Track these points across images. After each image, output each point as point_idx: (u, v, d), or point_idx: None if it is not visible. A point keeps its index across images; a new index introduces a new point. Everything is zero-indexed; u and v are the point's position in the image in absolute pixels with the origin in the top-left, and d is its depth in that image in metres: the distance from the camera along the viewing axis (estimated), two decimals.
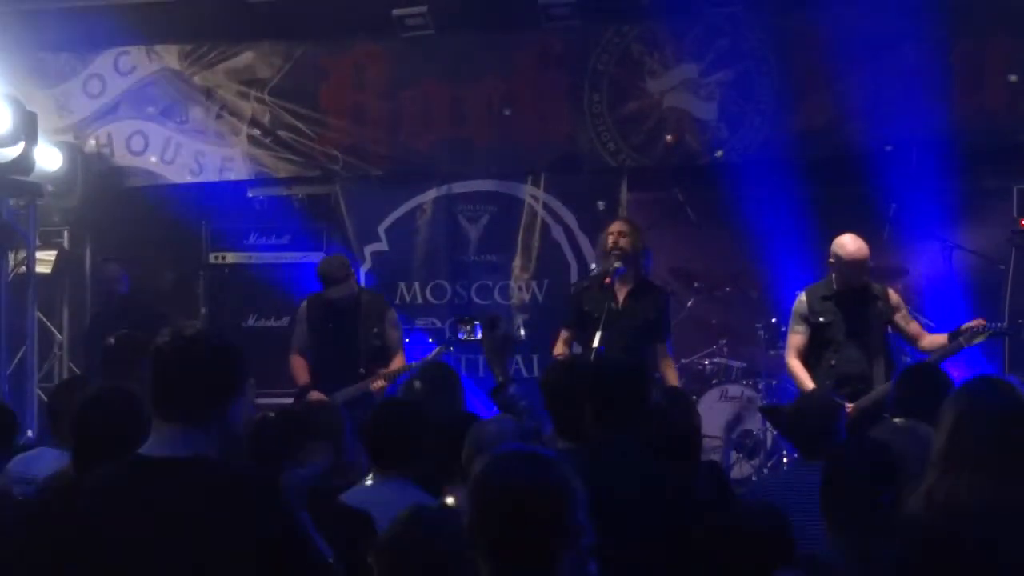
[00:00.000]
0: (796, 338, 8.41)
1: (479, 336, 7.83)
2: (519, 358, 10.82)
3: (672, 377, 8.66)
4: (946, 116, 9.94)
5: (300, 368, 9.22)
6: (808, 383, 8.17)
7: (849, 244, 8.20)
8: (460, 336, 7.92)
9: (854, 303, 8.26)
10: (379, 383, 8.91)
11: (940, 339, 8.22)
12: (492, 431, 4.09)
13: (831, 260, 8.27)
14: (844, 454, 4.32)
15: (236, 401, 3.41)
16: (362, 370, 8.99)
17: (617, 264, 8.66)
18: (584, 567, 3.81)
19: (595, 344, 8.07)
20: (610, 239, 8.77)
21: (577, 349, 8.71)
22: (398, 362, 9.11)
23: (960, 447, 3.42)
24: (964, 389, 3.70)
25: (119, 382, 4.84)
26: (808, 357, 8.30)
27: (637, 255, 8.75)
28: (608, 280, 8.66)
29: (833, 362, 8.24)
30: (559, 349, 8.82)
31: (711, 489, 5.24)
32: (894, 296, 8.43)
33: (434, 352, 9.25)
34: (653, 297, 8.79)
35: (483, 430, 4.12)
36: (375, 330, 9.10)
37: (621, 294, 8.67)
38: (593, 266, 10.00)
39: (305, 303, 9.43)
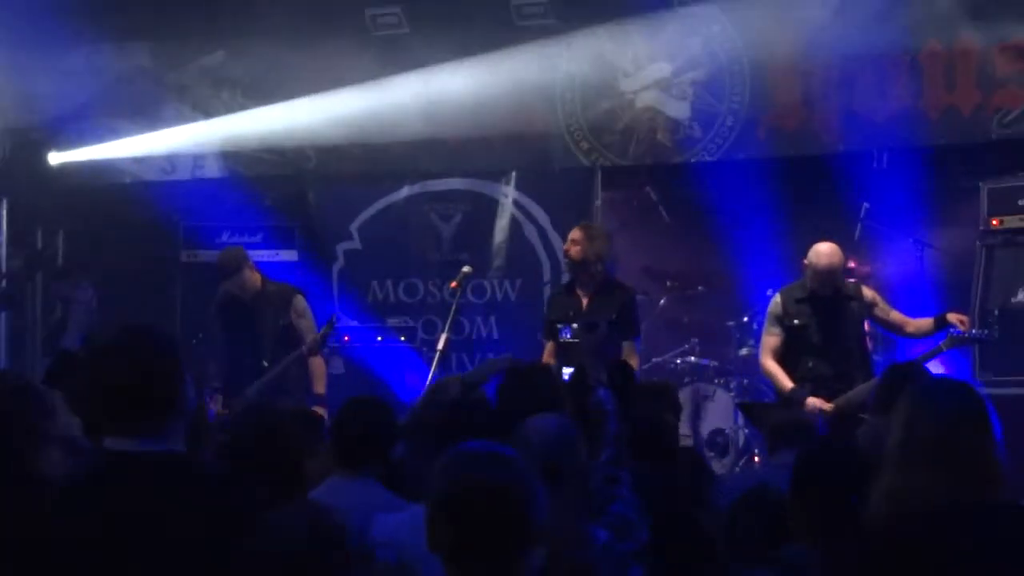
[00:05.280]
0: (771, 339, 8.40)
1: (570, 337, 7.85)
2: (491, 356, 10.81)
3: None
4: (916, 116, 10.00)
5: None
6: (786, 382, 8.16)
7: (823, 256, 8.17)
8: (561, 336, 7.94)
9: (829, 305, 8.26)
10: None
11: (926, 324, 8.27)
12: (533, 426, 4.02)
13: (806, 263, 8.28)
14: (813, 456, 4.31)
15: (185, 391, 3.39)
16: (265, 363, 8.93)
17: (466, 269, 8.97)
18: (627, 571, 3.80)
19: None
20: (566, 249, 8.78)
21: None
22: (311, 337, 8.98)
23: (911, 445, 3.45)
24: (916, 387, 3.72)
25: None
26: (786, 360, 8.29)
27: (591, 260, 8.61)
28: (455, 285, 8.92)
29: (811, 364, 8.24)
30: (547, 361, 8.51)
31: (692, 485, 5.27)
32: (868, 292, 8.46)
33: (323, 327, 9.08)
34: (615, 297, 8.64)
35: (525, 426, 4.05)
36: (281, 322, 9.06)
37: (585, 299, 8.60)
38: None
39: (216, 299, 9.39)
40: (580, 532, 3.78)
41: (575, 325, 8.06)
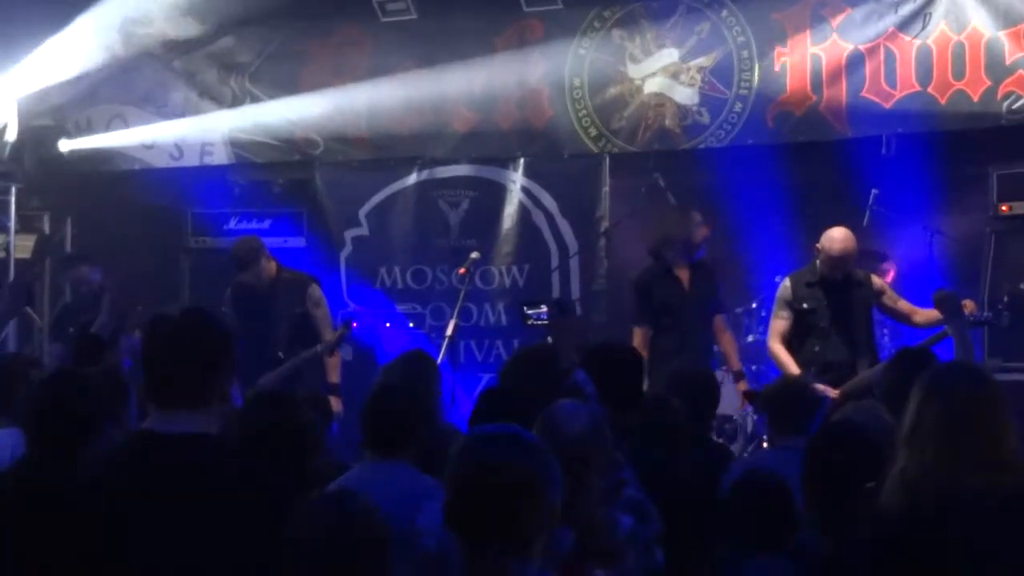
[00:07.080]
0: (779, 323, 8.43)
1: (546, 320, 7.84)
2: (499, 343, 10.83)
3: (728, 344, 9.16)
4: (925, 101, 9.98)
5: None
6: (792, 367, 8.19)
7: (837, 241, 8.20)
8: (530, 320, 7.94)
9: (838, 290, 8.29)
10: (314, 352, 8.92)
11: (933, 314, 8.24)
12: (563, 414, 4.02)
13: (818, 247, 8.29)
14: (825, 443, 4.30)
15: (232, 377, 3.43)
16: (280, 354, 8.92)
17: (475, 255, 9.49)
18: (651, 555, 3.79)
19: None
20: (702, 231, 9.17)
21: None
22: (327, 335, 9.07)
23: (923, 431, 3.44)
24: (931, 371, 3.71)
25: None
26: (792, 343, 8.33)
27: None
28: (463, 271, 9.36)
29: (817, 348, 8.27)
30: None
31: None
32: (877, 280, 8.49)
33: (340, 328, 9.15)
34: (709, 272, 9.22)
35: (554, 413, 4.04)
36: (297, 310, 9.05)
37: (685, 280, 8.98)
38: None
39: (229, 289, 9.38)
40: (608, 518, 3.79)
41: (543, 307, 8.12)
